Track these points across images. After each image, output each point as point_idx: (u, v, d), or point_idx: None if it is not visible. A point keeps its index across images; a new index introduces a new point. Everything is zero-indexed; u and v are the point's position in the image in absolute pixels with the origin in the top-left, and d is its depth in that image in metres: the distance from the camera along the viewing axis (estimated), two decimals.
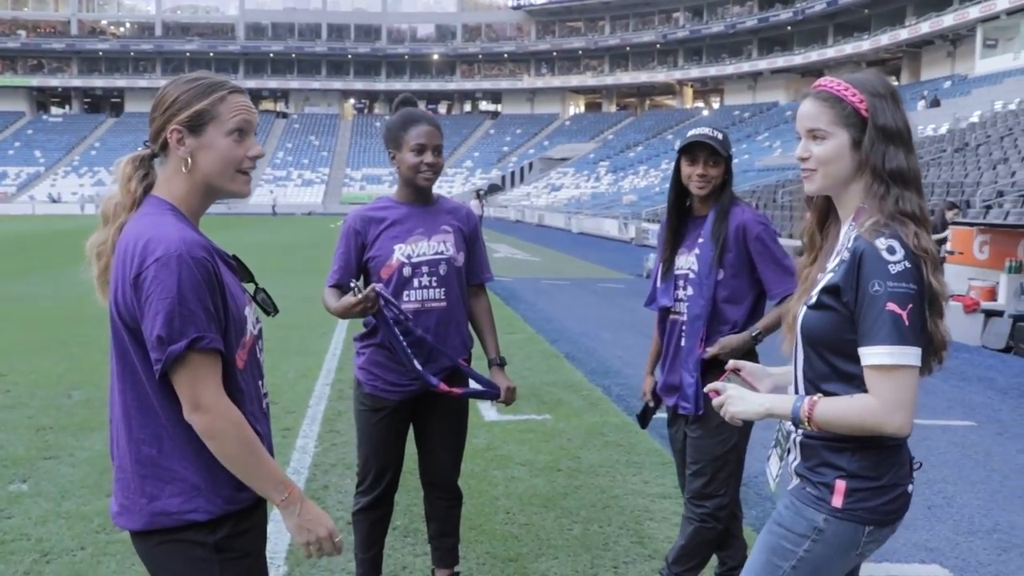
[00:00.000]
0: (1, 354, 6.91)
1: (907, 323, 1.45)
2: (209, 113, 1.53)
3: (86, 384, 5.81)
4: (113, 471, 1.57)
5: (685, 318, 2.58)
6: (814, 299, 1.57)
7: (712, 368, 2.51)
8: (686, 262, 2.60)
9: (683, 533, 2.65)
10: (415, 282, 2.55)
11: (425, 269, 2.56)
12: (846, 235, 1.58)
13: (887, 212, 1.52)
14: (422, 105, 2.75)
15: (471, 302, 2.72)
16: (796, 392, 1.63)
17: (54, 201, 50.76)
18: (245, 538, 1.54)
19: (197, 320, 1.43)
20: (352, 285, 2.40)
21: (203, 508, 1.48)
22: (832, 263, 1.58)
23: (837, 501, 1.54)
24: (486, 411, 5.19)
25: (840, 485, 1.54)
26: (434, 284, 2.57)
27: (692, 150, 2.52)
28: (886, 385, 1.46)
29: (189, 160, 1.53)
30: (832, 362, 1.55)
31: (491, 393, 2.64)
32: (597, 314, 10.01)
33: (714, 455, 2.54)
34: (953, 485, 4.14)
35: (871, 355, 1.47)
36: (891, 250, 1.47)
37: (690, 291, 2.58)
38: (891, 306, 1.45)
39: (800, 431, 1.60)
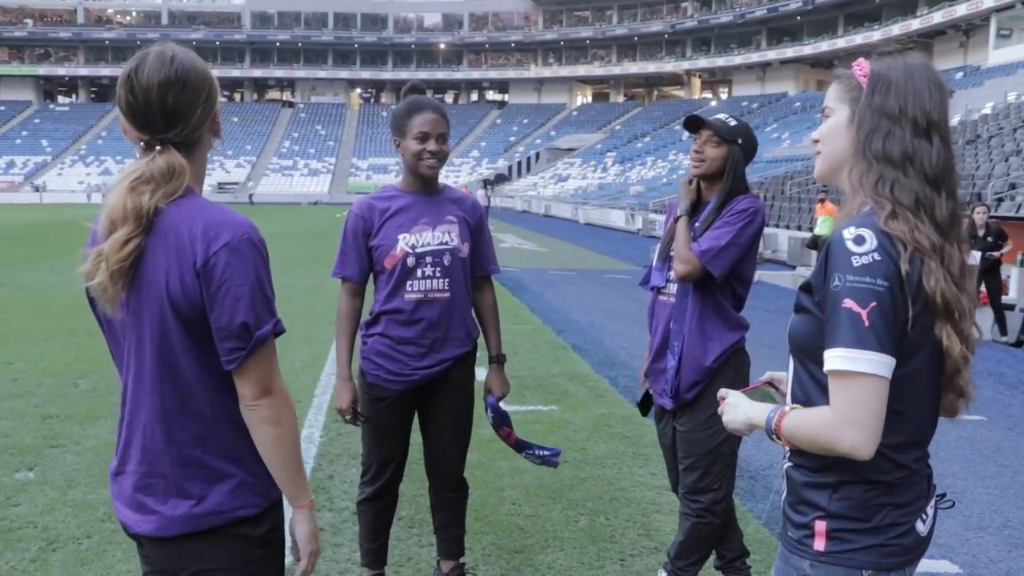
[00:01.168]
0: (9, 342, 6.94)
1: (867, 323, 1.24)
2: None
3: (93, 373, 5.82)
4: (133, 476, 1.45)
5: (676, 300, 2.56)
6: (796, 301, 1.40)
7: (722, 371, 2.49)
8: None
9: (681, 528, 2.63)
10: (419, 272, 2.53)
11: (429, 259, 2.53)
12: None
13: (868, 190, 1.33)
14: (429, 94, 2.72)
15: (476, 295, 2.70)
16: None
17: (36, 190, 49.69)
18: (279, 532, 1.51)
19: (272, 303, 1.42)
20: (351, 408, 2.57)
21: (252, 503, 1.44)
22: None
23: (819, 544, 1.35)
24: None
25: (820, 526, 1.35)
26: (438, 274, 2.54)
27: (695, 128, 2.55)
28: (840, 395, 1.25)
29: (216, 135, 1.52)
30: (814, 373, 1.36)
31: (552, 461, 2.78)
32: (604, 305, 9.97)
33: (706, 449, 2.51)
34: (963, 480, 4.11)
35: (828, 359, 1.27)
36: (859, 240, 1.27)
37: None
38: (848, 303, 1.25)
39: (785, 457, 1.44)
